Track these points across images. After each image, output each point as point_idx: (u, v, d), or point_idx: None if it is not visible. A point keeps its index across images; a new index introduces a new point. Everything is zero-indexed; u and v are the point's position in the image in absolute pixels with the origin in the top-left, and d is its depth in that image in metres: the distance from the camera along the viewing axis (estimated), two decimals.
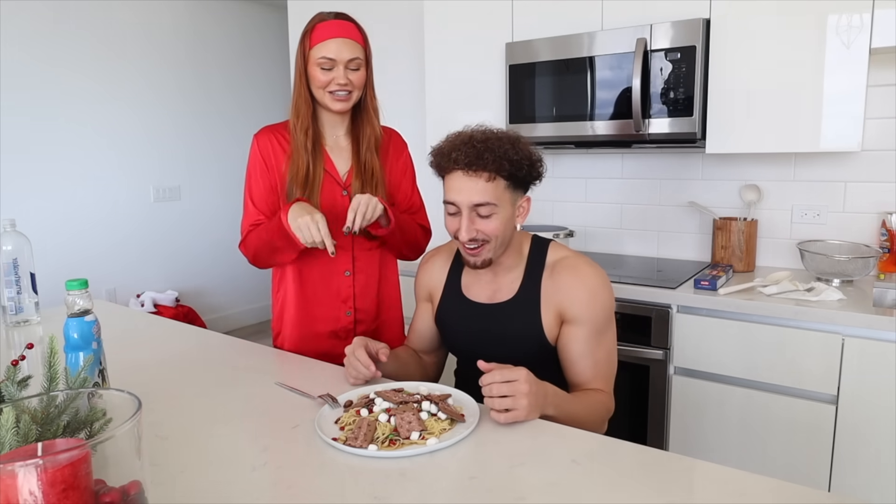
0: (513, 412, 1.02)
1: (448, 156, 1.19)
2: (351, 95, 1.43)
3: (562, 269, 1.26)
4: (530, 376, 1.04)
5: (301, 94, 1.44)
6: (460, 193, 1.18)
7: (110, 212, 3.84)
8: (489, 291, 1.31)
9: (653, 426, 2.04)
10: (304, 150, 1.44)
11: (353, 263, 1.53)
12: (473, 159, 1.16)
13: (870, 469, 1.73)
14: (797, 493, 0.83)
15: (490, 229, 1.19)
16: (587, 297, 1.23)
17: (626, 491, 0.85)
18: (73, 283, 1.08)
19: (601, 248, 2.67)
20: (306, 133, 1.45)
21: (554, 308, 1.25)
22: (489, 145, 1.17)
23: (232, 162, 4.50)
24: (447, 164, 1.20)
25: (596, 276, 1.25)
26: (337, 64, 1.38)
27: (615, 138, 2.21)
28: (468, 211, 1.19)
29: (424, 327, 1.44)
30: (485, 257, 1.23)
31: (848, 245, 2.13)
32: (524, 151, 1.19)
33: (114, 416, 0.68)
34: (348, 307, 1.54)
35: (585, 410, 1.17)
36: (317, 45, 1.39)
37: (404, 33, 2.97)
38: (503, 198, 1.19)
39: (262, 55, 4.62)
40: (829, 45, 1.86)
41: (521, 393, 1.02)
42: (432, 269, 1.43)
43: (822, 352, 1.76)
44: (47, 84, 3.49)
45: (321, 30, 1.39)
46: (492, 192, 1.17)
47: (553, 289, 1.25)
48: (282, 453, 0.97)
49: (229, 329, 4.39)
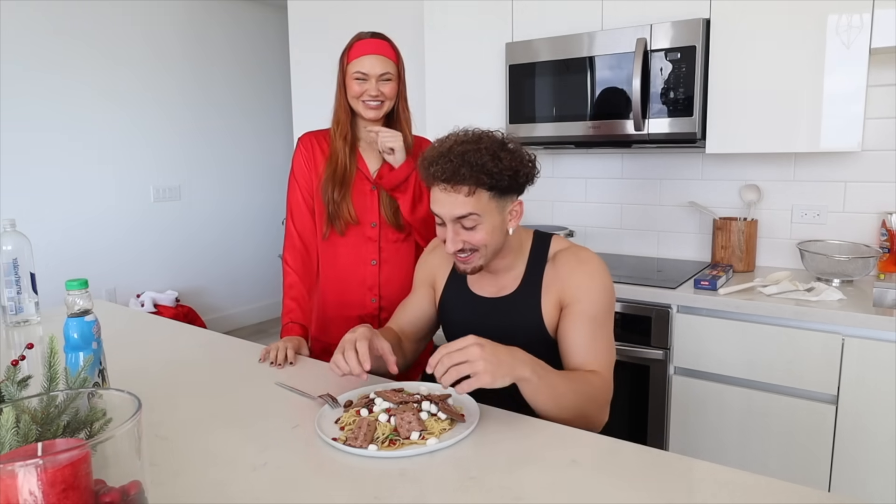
0: (473, 379, 0.97)
1: (428, 169, 1.16)
2: (382, 105, 1.57)
3: (561, 258, 1.26)
4: (482, 339, 1.01)
5: (341, 104, 1.60)
6: (442, 206, 1.16)
7: (110, 212, 3.84)
8: (493, 287, 1.31)
9: (653, 426, 2.04)
10: (342, 154, 1.59)
11: (380, 254, 1.63)
12: (450, 175, 1.12)
13: (870, 469, 1.73)
14: (797, 493, 0.83)
15: (476, 239, 1.17)
16: (585, 278, 1.22)
17: (626, 491, 0.85)
18: (73, 283, 1.08)
19: (601, 248, 2.67)
20: (345, 139, 1.60)
21: (554, 295, 1.24)
22: (466, 159, 1.12)
23: (232, 162, 4.50)
24: (427, 178, 1.18)
25: (594, 261, 1.24)
26: (370, 77, 1.54)
27: (615, 138, 2.21)
28: (452, 223, 1.17)
29: (422, 312, 1.42)
30: (475, 265, 1.22)
31: (848, 245, 2.13)
32: (506, 161, 1.14)
33: (114, 416, 0.68)
34: (374, 294, 1.64)
35: (571, 385, 1.10)
36: (353, 61, 1.55)
37: (404, 33, 2.96)
38: (487, 207, 1.16)
39: (262, 55, 4.62)
40: (829, 45, 1.86)
41: (474, 356, 0.97)
42: (438, 257, 1.42)
43: (822, 352, 1.76)
44: (47, 84, 3.49)
45: (358, 48, 1.55)
46: (473, 204, 1.14)
47: (553, 277, 1.25)
48: (282, 453, 0.97)
49: (229, 329, 4.39)
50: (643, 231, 2.58)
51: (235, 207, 4.56)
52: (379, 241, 1.64)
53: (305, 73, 3.50)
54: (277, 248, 4.51)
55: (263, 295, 4.74)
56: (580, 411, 1.10)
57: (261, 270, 4.70)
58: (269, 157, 4.73)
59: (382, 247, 1.64)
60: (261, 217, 4.70)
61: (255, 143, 4.64)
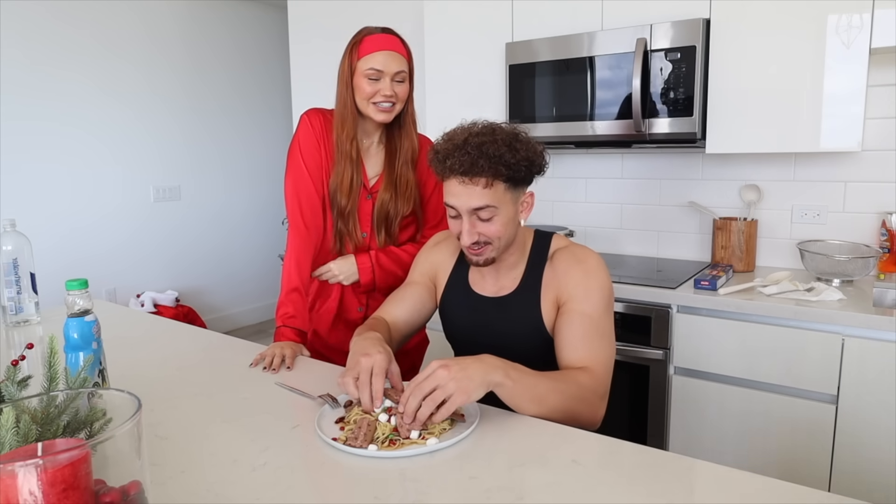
0: (449, 402, 0.97)
1: (443, 163, 1.16)
2: (394, 107, 1.46)
3: (560, 256, 1.26)
4: (446, 360, 1.00)
5: (346, 104, 1.47)
6: (459, 198, 1.16)
7: (110, 212, 3.84)
8: (494, 287, 1.31)
9: (653, 426, 2.04)
10: (348, 160, 1.48)
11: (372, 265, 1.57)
12: (468, 167, 1.12)
13: (870, 469, 1.73)
14: (797, 493, 0.83)
15: (492, 231, 1.18)
16: (581, 277, 1.22)
17: (626, 491, 0.85)
18: (73, 283, 1.08)
19: (601, 248, 2.67)
20: (351, 143, 1.48)
21: (552, 294, 1.24)
22: (484, 150, 1.12)
23: (232, 162, 4.50)
24: (443, 171, 1.17)
25: (592, 259, 1.24)
26: (384, 75, 1.42)
27: (615, 138, 2.21)
28: (468, 215, 1.17)
29: (421, 305, 1.39)
30: (488, 256, 1.22)
31: (848, 245, 2.13)
32: (522, 153, 1.15)
33: (114, 416, 0.68)
34: (360, 304, 1.62)
35: (553, 384, 1.07)
36: (364, 57, 1.41)
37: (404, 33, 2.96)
38: (503, 199, 1.16)
39: (262, 55, 4.62)
40: (829, 45, 1.86)
41: (442, 379, 0.97)
42: (441, 253, 1.41)
43: (822, 352, 1.76)
44: (47, 84, 3.49)
45: (369, 42, 1.42)
46: (490, 196, 1.14)
47: (552, 276, 1.25)
48: (282, 453, 0.97)
49: (229, 329, 4.39)
50: (643, 231, 2.58)
51: (235, 208, 4.56)
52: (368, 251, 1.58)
53: (305, 73, 3.49)
54: (278, 248, 4.51)
55: (264, 295, 4.74)
56: (567, 411, 1.08)
57: (261, 270, 4.70)
58: (268, 156, 4.72)
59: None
60: (261, 217, 4.70)
61: (255, 143, 4.64)
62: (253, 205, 4.66)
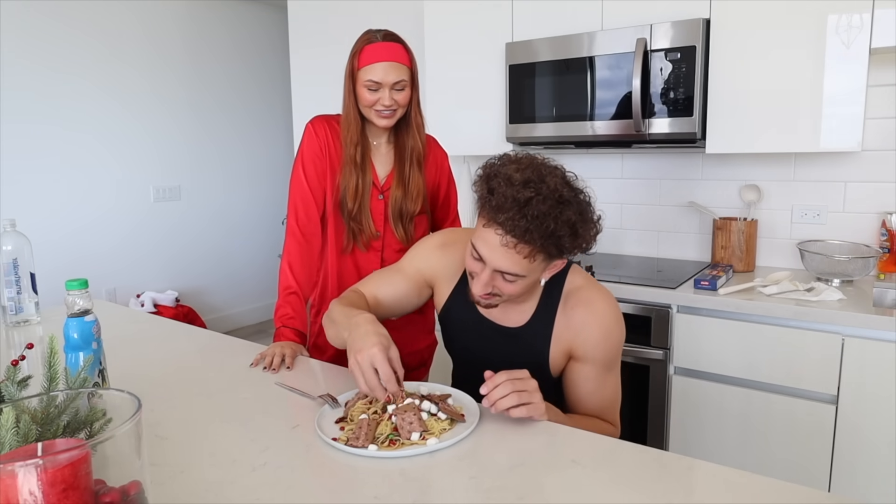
0: (531, 405, 1.01)
1: (495, 211, 1.03)
2: (395, 113, 1.48)
3: (576, 304, 1.19)
4: None
5: (350, 110, 1.50)
6: (493, 254, 1.06)
7: (110, 212, 3.84)
8: (501, 314, 1.25)
9: (653, 426, 2.04)
10: (354, 165, 1.50)
11: (382, 265, 1.57)
12: (519, 234, 1.01)
13: (870, 469, 1.73)
14: (797, 493, 0.83)
15: (509, 290, 1.11)
16: (600, 336, 1.17)
17: (626, 491, 0.85)
18: (73, 283, 1.08)
19: (601, 247, 2.66)
20: (356, 147, 1.50)
21: (564, 344, 1.20)
22: (544, 225, 1.00)
23: (231, 162, 4.50)
24: (488, 212, 1.05)
25: (610, 313, 1.18)
26: (383, 87, 1.43)
27: (615, 138, 2.21)
28: (492, 270, 1.08)
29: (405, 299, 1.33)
30: (493, 303, 1.17)
31: (848, 245, 2.13)
32: (581, 238, 1.05)
33: (114, 416, 0.68)
34: None
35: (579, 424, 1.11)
36: (364, 68, 1.44)
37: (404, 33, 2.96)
38: (535, 269, 1.08)
39: (262, 55, 4.62)
40: (828, 45, 1.86)
41: (533, 388, 1.02)
42: (446, 260, 1.32)
43: (821, 352, 1.76)
44: (47, 84, 3.49)
45: (368, 52, 1.44)
46: (525, 266, 1.05)
47: (565, 324, 1.19)
48: (282, 453, 0.97)
49: (229, 329, 4.39)
50: (643, 231, 2.58)
51: (235, 208, 4.56)
52: (382, 252, 1.59)
53: (305, 73, 3.50)
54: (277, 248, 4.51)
55: (263, 295, 4.74)
56: None
57: (261, 270, 4.70)
58: (268, 156, 4.73)
59: (386, 257, 1.59)
60: (260, 217, 4.70)
61: (255, 143, 4.64)
62: (253, 204, 4.66)
